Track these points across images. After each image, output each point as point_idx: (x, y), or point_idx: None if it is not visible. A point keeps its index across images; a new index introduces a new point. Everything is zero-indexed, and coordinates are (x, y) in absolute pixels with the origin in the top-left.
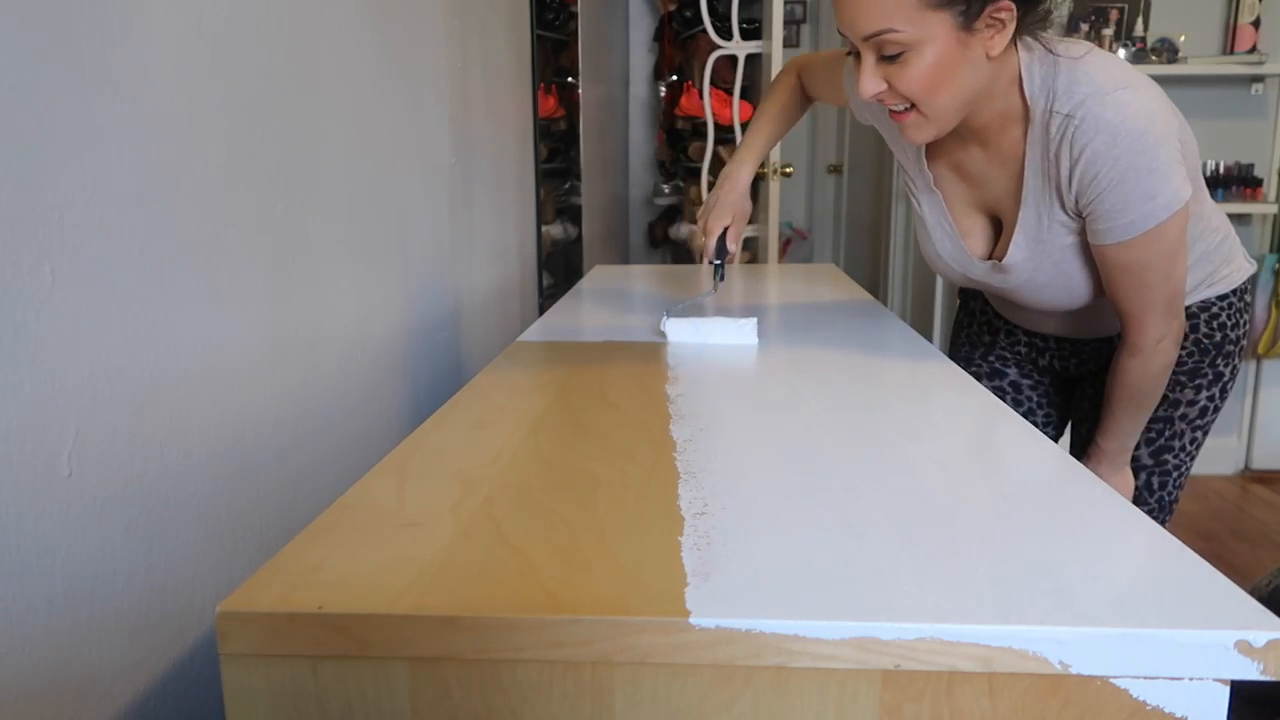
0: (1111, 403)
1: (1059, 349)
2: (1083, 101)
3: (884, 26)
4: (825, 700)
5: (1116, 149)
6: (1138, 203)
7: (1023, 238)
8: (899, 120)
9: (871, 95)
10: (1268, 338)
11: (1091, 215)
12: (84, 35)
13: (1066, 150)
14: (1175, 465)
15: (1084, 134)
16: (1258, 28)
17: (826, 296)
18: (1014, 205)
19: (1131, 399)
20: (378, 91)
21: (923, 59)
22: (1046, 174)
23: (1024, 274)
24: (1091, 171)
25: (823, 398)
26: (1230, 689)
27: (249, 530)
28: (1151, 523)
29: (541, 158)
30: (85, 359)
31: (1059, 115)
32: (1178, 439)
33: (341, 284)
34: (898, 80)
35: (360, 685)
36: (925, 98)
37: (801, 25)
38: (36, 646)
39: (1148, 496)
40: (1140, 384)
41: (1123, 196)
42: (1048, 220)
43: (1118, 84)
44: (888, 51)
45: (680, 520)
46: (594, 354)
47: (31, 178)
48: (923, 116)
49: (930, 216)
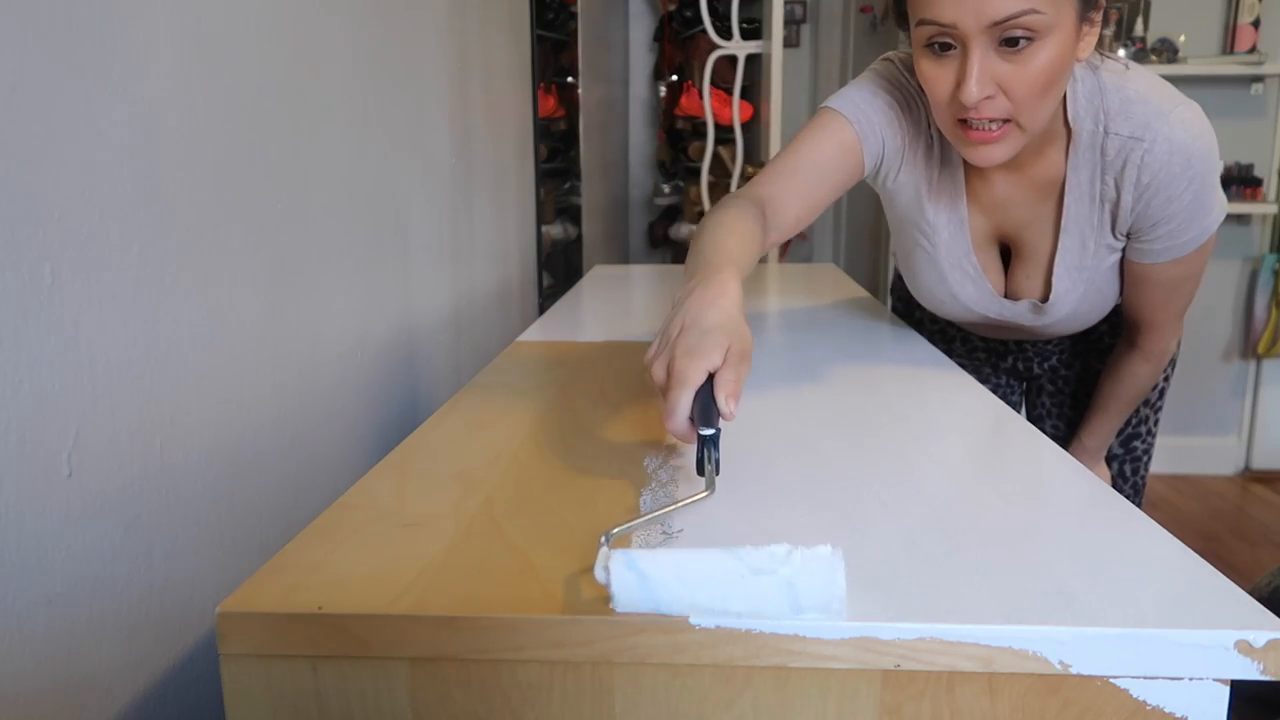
0: (1109, 404)
1: (1021, 351)
2: (1148, 124)
3: (1028, 6)
4: (825, 700)
5: (1191, 169)
6: (1199, 219)
7: (1064, 268)
8: (985, 139)
9: (978, 100)
10: (1268, 338)
11: (1150, 236)
12: (84, 35)
13: (1133, 173)
14: (1143, 450)
15: (1157, 157)
16: (1258, 28)
17: (826, 296)
18: (1042, 232)
19: (1133, 400)
20: (378, 91)
21: (1047, 51)
22: (1097, 198)
23: (1068, 306)
24: (1165, 194)
25: (822, 397)
26: (1230, 689)
27: (249, 530)
28: (1152, 523)
29: (541, 158)
30: (85, 359)
31: (1119, 137)
32: (1143, 424)
33: (341, 284)
34: (1014, 80)
35: (360, 685)
36: (1036, 102)
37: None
38: (36, 646)
39: (1122, 484)
40: (1146, 386)
41: (1189, 215)
42: (1094, 246)
43: (1174, 100)
44: (1014, 35)
45: (681, 520)
46: (594, 354)
47: (31, 178)
48: (1019, 130)
49: (949, 259)
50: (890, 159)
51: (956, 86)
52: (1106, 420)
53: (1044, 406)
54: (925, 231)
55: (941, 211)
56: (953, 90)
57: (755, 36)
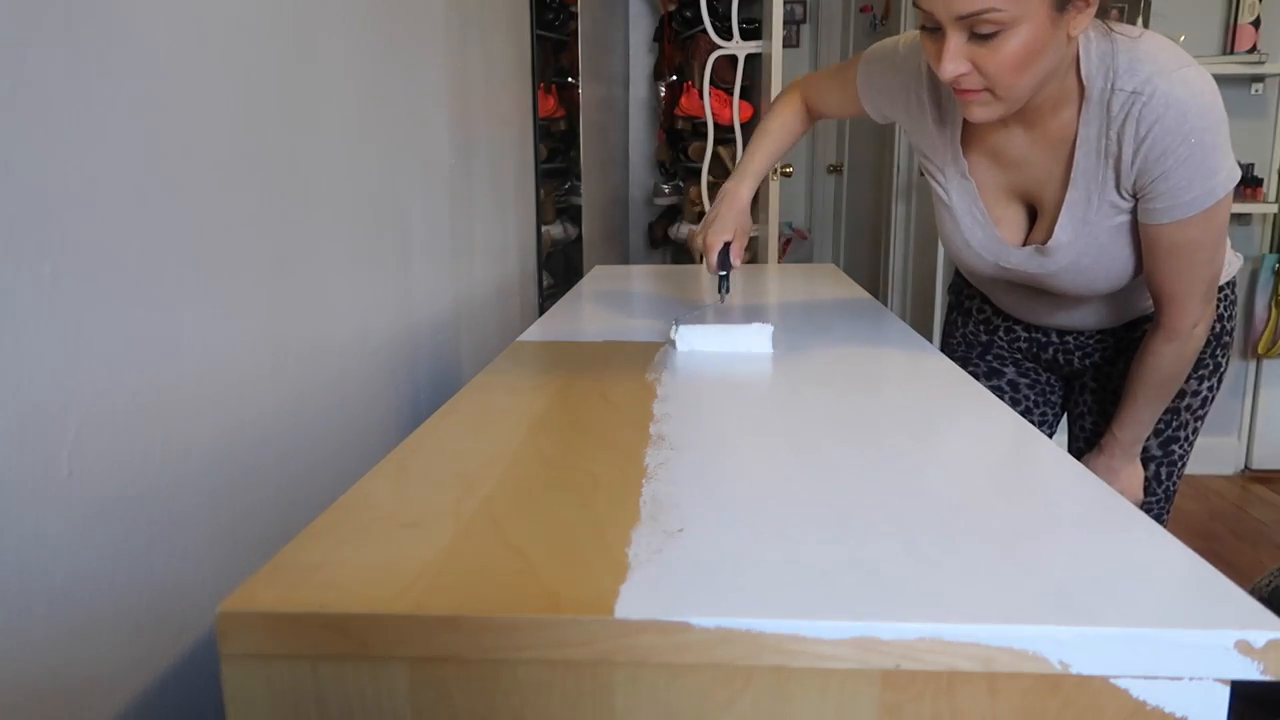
0: (1137, 391)
1: (1063, 343)
2: (1149, 79)
3: (985, 5)
4: (825, 700)
5: (1187, 124)
6: (1201, 179)
7: (1068, 219)
8: (967, 98)
9: (952, 76)
10: (1268, 338)
11: (1151, 194)
12: (84, 35)
13: (1132, 127)
14: (1180, 455)
15: (1153, 109)
16: (1258, 28)
17: (826, 296)
18: (1058, 188)
19: (1160, 385)
20: (378, 92)
21: (1015, 39)
22: (1103, 153)
23: (1068, 257)
24: (1160, 147)
25: (823, 397)
26: (1230, 689)
27: (249, 530)
28: (1152, 522)
29: (541, 158)
30: (85, 359)
31: (1123, 92)
32: (1183, 429)
33: (341, 284)
34: (985, 62)
35: (360, 685)
36: (1009, 80)
37: (801, 25)
38: (36, 646)
39: (1155, 487)
40: (1172, 369)
41: (1188, 173)
42: (1097, 201)
43: (1181, 62)
44: (982, 30)
45: (680, 520)
46: (594, 354)
47: (31, 178)
48: (995, 99)
49: (960, 205)
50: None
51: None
52: (1135, 410)
53: (1085, 404)
54: (940, 182)
55: (947, 164)
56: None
57: (755, 36)
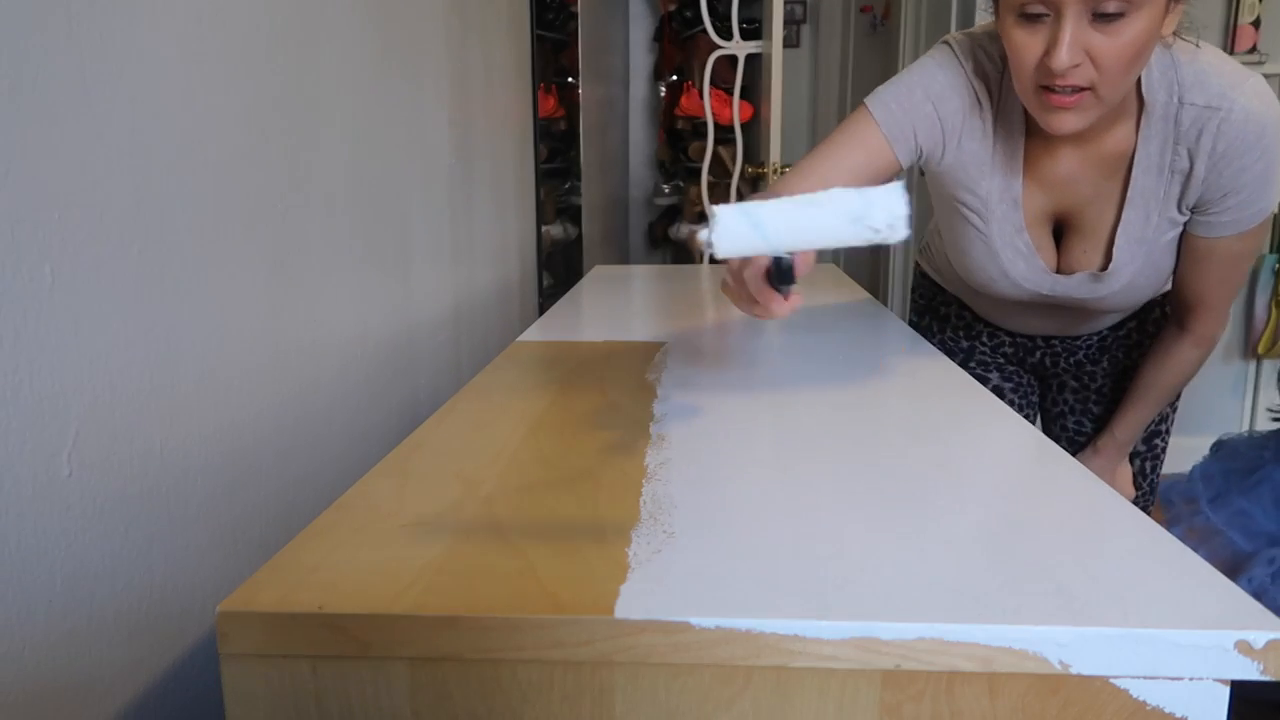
0: (1149, 391)
1: (1050, 347)
2: (1223, 93)
3: None
4: (825, 700)
5: (1265, 139)
6: (1265, 192)
7: (1126, 240)
8: (1065, 104)
9: (1067, 66)
10: (1268, 338)
11: (1219, 208)
12: (84, 35)
13: (1208, 141)
14: (1162, 448)
15: (1234, 124)
16: (1258, 28)
17: (827, 297)
18: (1105, 207)
19: (1173, 389)
20: (378, 92)
21: (1139, 24)
22: (1166, 169)
23: (1125, 278)
24: (1239, 162)
25: (823, 398)
26: (1230, 689)
27: (249, 530)
28: (1151, 522)
29: (541, 158)
30: (85, 359)
31: (1194, 107)
32: (1164, 423)
33: (341, 284)
34: (1103, 51)
35: (360, 685)
36: (1120, 73)
37: (801, 25)
38: (36, 647)
39: (1141, 481)
40: (1189, 374)
41: (1259, 187)
42: (1157, 219)
43: (1244, 74)
44: (1109, 9)
45: (681, 520)
46: (594, 354)
47: (31, 178)
48: (1096, 99)
49: (1001, 235)
50: (931, 149)
51: (1045, 54)
52: (1141, 410)
53: (1065, 403)
54: (976, 209)
55: (995, 189)
56: (1040, 57)
57: (755, 36)
